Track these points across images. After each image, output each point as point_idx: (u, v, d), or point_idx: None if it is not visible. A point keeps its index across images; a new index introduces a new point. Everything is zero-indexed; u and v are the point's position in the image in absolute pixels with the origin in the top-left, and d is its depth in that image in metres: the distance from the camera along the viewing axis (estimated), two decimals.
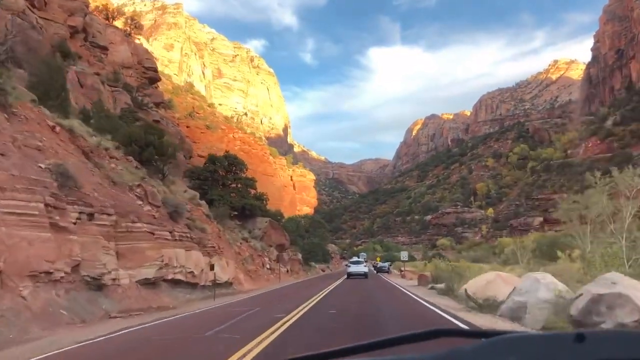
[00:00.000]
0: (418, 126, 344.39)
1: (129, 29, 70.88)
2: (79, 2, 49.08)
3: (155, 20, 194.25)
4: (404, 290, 25.13)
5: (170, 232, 22.50)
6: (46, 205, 14.81)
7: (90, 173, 20.31)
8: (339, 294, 24.26)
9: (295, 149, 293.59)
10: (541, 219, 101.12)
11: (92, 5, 64.68)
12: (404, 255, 54.70)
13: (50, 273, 14.22)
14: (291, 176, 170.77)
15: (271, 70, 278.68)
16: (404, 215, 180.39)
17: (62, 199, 15.97)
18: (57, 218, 15.28)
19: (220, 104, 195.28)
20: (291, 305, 16.17)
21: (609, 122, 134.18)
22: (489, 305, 13.54)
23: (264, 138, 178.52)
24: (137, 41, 75.47)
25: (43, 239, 14.22)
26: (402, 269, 52.18)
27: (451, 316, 12.92)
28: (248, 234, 47.40)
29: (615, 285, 8.74)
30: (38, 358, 8.66)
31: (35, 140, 17.58)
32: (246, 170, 55.77)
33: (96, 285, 16.57)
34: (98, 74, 47.36)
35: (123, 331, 11.89)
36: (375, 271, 63.05)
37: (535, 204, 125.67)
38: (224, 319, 13.33)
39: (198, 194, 38.10)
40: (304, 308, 15.65)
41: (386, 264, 68.45)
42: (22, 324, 11.98)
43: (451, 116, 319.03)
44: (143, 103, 54.91)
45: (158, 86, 72.92)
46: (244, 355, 7.90)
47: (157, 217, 22.53)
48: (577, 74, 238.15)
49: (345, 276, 43.47)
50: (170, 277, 21.65)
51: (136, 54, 64.68)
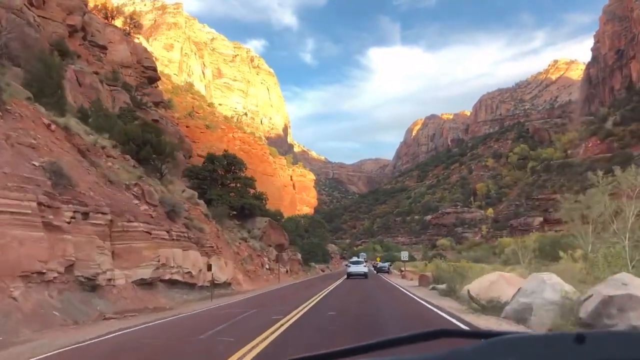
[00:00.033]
0: (418, 126, 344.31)
1: (128, 28, 70.62)
2: (77, 1, 48.85)
3: (155, 20, 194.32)
4: (405, 291, 24.73)
5: (167, 232, 22.18)
6: (39, 203, 14.48)
7: (85, 171, 19.99)
8: (339, 294, 24.00)
9: (295, 149, 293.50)
10: (541, 219, 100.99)
11: (91, 4, 64.48)
12: (404, 255, 54.15)
13: (43, 273, 13.89)
14: (291, 176, 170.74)
15: (271, 70, 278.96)
16: (404, 216, 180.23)
17: (56, 198, 15.63)
18: (51, 217, 14.94)
19: (220, 104, 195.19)
20: (290, 307, 15.90)
21: (609, 122, 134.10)
22: (493, 307, 13.23)
23: (263, 138, 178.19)
24: (137, 40, 75.14)
25: (35, 238, 13.88)
26: (403, 269, 51.74)
27: (455, 318, 12.64)
28: (247, 233, 47.04)
29: (626, 286, 8.39)
30: None
31: (29, 138, 17.26)
32: (245, 169, 55.48)
33: (90, 285, 16.23)
34: (97, 73, 47.09)
35: (115, 333, 11.52)
36: (375, 271, 62.72)
37: (535, 204, 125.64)
38: (220, 321, 13.01)
39: (196, 194, 37.82)
40: (303, 309, 15.39)
41: (386, 264, 68.06)
42: (13, 325, 11.64)
43: (451, 116, 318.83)
44: (142, 102, 54.57)
45: (157, 85, 72.61)
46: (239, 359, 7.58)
47: (154, 217, 22.22)
48: (577, 74, 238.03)
49: (345, 276, 43.22)
50: (167, 278, 21.32)
51: (135, 53, 64.38)
